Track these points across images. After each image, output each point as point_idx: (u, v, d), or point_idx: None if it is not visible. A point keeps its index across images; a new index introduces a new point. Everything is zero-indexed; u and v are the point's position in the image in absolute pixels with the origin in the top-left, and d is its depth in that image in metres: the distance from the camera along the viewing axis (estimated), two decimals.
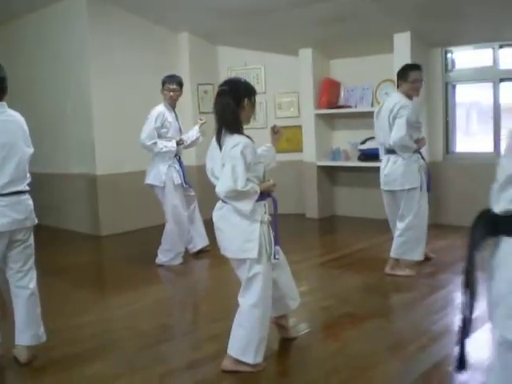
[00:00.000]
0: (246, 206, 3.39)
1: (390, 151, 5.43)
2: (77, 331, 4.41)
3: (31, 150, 3.86)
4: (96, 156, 7.88)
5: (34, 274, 3.88)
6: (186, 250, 6.54)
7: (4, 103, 3.78)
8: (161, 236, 6.32)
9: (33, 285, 3.84)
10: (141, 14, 8.10)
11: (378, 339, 4.01)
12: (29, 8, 8.46)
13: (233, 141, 3.39)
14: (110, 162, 7.94)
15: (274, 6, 6.99)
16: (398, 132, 5.23)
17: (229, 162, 3.35)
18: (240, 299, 3.56)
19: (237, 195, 3.36)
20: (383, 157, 5.56)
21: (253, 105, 3.57)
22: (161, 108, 6.24)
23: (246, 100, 3.49)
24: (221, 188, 3.38)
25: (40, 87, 8.76)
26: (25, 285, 3.79)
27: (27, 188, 3.79)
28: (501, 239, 1.75)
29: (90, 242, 7.84)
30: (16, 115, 3.86)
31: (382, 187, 5.59)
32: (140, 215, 8.08)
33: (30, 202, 3.81)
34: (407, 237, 5.42)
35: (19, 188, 3.69)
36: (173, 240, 6.27)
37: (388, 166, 5.45)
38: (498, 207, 1.75)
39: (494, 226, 1.75)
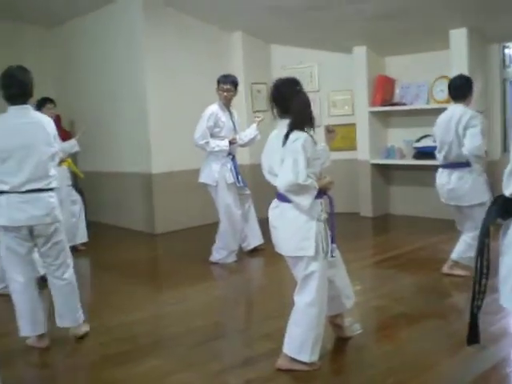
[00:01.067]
0: (306, 200, 3.38)
1: (454, 165, 5.23)
2: (131, 327, 4.49)
3: (53, 150, 4.05)
4: (151, 155, 8.00)
5: (68, 266, 4.21)
6: (241, 249, 6.57)
7: (28, 106, 4.02)
8: (215, 234, 6.37)
9: (68, 275, 4.21)
10: (194, 15, 8.17)
11: (434, 340, 3.94)
12: (84, 10, 8.65)
13: (294, 135, 3.39)
14: (165, 160, 8.04)
15: (328, 2, 6.93)
16: (474, 141, 4.99)
17: (290, 156, 3.35)
18: (296, 297, 3.55)
19: (297, 189, 3.35)
20: (443, 170, 5.36)
21: None
22: (214, 107, 6.29)
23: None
24: (282, 182, 3.37)
25: (95, 88, 8.94)
26: (59, 276, 4.17)
27: (49, 186, 4.01)
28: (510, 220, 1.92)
29: (144, 240, 7.96)
30: (38, 117, 4.09)
31: (445, 201, 5.40)
32: (194, 213, 8.16)
33: (53, 199, 4.04)
34: (474, 246, 5.27)
35: (39, 186, 3.94)
36: (226, 238, 6.31)
37: (453, 182, 5.22)
38: (508, 191, 1.91)
39: (505, 208, 1.90)
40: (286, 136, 3.42)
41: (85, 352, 4.11)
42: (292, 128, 3.43)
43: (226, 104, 6.38)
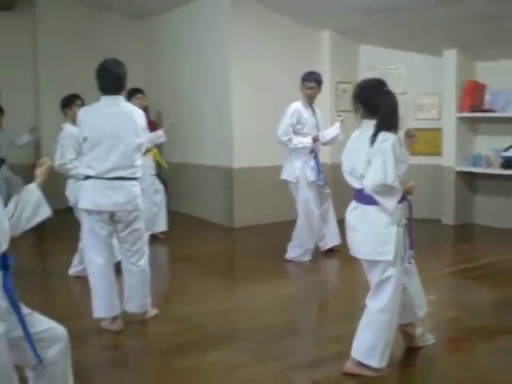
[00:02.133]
0: (391, 203, 3.34)
1: None
2: (204, 318, 4.58)
3: (139, 140, 4.21)
4: (233, 149, 8.10)
5: (143, 254, 4.38)
6: (317, 248, 6.56)
7: (120, 97, 4.21)
8: (292, 231, 6.39)
9: (142, 262, 4.37)
10: (282, 12, 8.20)
11: (506, 357, 3.82)
12: (174, 4, 8.86)
13: (383, 136, 3.36)
14: (247, 155, 8.12)
15: (419, 4, 6.79)
16: None
17: (379, 156, 3.31)
18: (368, 302, 3.52)
19: (385, 190, 3.31)
20: None
21: None
22: (297, 104, 6.29)
23: None
24: (370, 181, 3.33)
25: (181, 81, 9.16)
26: (134, 262, 4.35)
27: (134, 175, 4.19)
28: None
29: (223, 233, 8.07)
30: (129, 108, 4.28)
31: None
32: (273, 209, 8.20)
33: (135, 188, 4.22)
34: None
35: (124, 174, 4.13)
36: (303, 236, 6.32)
37: None
38: None
39: None
40: (374, 136, 3.39)
41: (157, 338, 4.25)
42: (379, 129, 3.39)
43: (310, 101, 6.37)
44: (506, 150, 7.69)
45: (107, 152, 4.09)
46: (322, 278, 6.07)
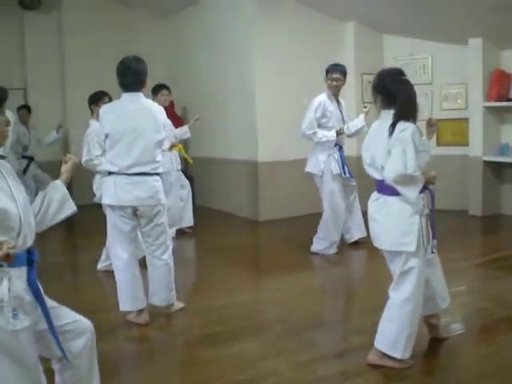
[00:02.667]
0: (412, 192, 3.32)
1: None
2: (229, 310, 4.62)
3: (160, 137, 4.26)
4: (258, 143, 8.13)
5: (167, 247, 4.44)
6: (343, 240, 6.56)
7: (140, 94, 4.25)
8: (317, 224, 6.39)
9: (166, 256, 4.43)
10: (308, 4, 8.20)
11: None
12: None
13: (401, 125, 3.35)
14: (272, 149, 8.14)
15: None
16: None
17: (398, 146, 3.30)
18: (391, 293, 3.51)
19: (406, 180, 3.29)
20: None
21: None
22: (322, 97, 6.27)
23: None
24: (390, 172, 3.31)
25: (207, 76, 9.20)
26: (158, 255, 4.41)
27: (155, 171, 4.26)
28: None
29: (248, 226, 8.11)
30: (149, 104, 4.33)
31: None
32: (298, 202, 8.21)
33: (157, 183, 4.29)
34: None
35: (145, 170, 4.20)
36: (328, 229, 6.32)
37: None
38: None
39: None
40: (393, 126, 3.37)
41: (182, 330, 4.33)
42: (398, 118, 3.38)
43: (335, 93, 6.35)
44: None
45: (128, 148, 4.16)
46: (347, 270, 6.07)
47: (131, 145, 4.15)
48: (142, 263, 4.53)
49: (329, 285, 5.55)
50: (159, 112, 4.33)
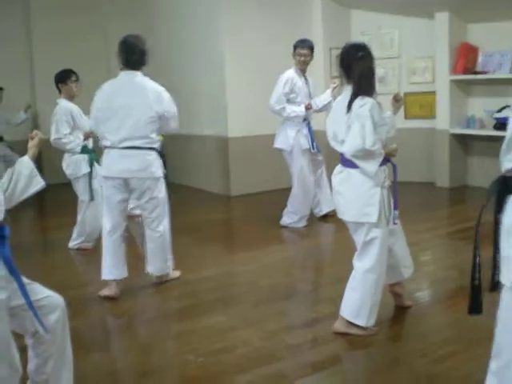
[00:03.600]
0: (372, 166, 3.41)
1: None
2: (201, 283, 4.72)
3: (151, 113, 4.34)
4: (228, 119, 8.16)
5: (163, 220, 4.56)
6: (312, 214, 6.66)
7: (137, 72, 4.42)
8: (287, 198, 6.48)
9: (161, 228, 4.56)
10: None
11: (493, 314, 3.92)
12: None
13: (360, 101, 3.42)
14: (242, 124, 8.18)
15: None
16: None
17: (357, 121, 3.37)
18: (355, 263, 3.62)
19: (364, 154, 3.38)
20: None
21: None
22: (290, 73, 6.32)
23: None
24: (349, 147, 3.40)
25: (176, 55, 9.17)
26: (154, 228, 4.56)
27: (149, 145, 4.37)
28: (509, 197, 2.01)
29: (220, 202, 8.18)
30: (142, 81, 4.43)
31: None
32: (269, 177, 8.27)
33: (150, 157, 4.40)
34: None
35: (136, 144, 4.32)
36: (298, 203, 6.41)
37: None
38: (504, 167, 2.02)
39: (504, 185, 1.98)
40: (350, 102, 3.45)
41: (155, 304, 4.44)
42: (354, 94, 3.45)
43: (303, 69, 6.40)
44: (499, 111, 7.71)
45: (120, 123, 4.30)
46: (316, 243, 6.17)
47: (122, 121, 4.28)
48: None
49: (298, 257, 5.66)
50: (153, 90, 4.41)
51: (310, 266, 5.43)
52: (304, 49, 6.30)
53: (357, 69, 3.48)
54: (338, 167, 3.65)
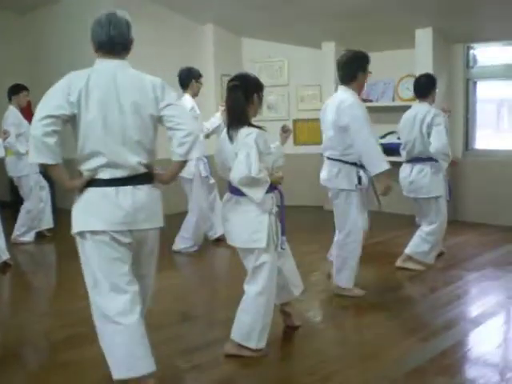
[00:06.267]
0: (258, 194, 3.49)
1: (416, 159, 5.48)
2: (89, 311, 4.56)
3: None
4: None
5: None
6: (206, 237, 6.69)
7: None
8: (179, 223, 6.46)
9: None
10: (166, 6, 8.23)
11: (380, 330, 4.11)
12: None
13: (246, 130, 3.52)
14: None
15: None
16: (440, 140, 5.23)
17: (243, 150, 3.45)
18: (246, 287, 3.69)
19: (250, 182, 3.46)
20: (406, 165, 5.60)
21: (260, 100, 3.68)
22: (191, 100, 6.34)
23: (255, 95, 3.62)
24: (235, 175, 3.47)
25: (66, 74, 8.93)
26: None
27: None
28: None
29: None
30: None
31: (406, 194, 5.62)
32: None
33: None
34: (428, 241, 5.50)
35: None
36: (194, 229, 6.42)
37: (413, 175, 5.47)
38: None
39: None
40: (228, 132, 3.58)
41: (42, 333, 4.25)
42: (228, 125, 3.61)
43: (195, 95, 6.48)
44: (383, 137, 8.12)
45: None
46: (209, 267, 6.21)
47: None
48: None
49: (191, 282, 5.66)
50: None
51: (204, 291, 5.42)
52: (202, 78, 6.47)
53: (227, 100, 3.65)
54: (227, 195, 3.72)
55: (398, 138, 7.79)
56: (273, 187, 3.64)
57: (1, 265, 4.82)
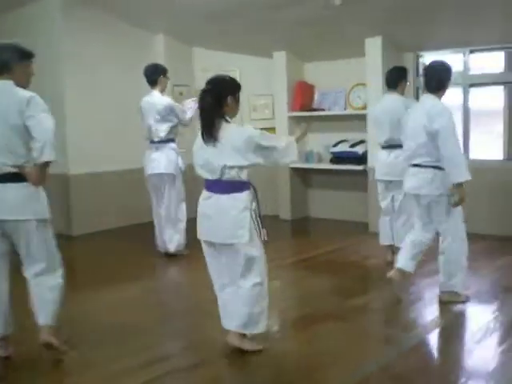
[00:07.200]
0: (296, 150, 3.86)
1: (393, 146, 5.66)
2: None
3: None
4: (68, 156, 7.77)
5: None
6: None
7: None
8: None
9: None
10: (117, 16, 8.11)
11: (329, 341, 4.09)
12: (5, 7, 8.43)
13: (236, 127, 3.70)
14: (85, 161, 7.85)
15: (247, 7, 7.04)
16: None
17: (259, 141, 3.64)
18: (240, 282, 3.73)
19: (294, 147, 3.87)
20: (384, 151, 5.84)
21: (237, 101, 3.78)
22: (161, 96, 6.50)
23: (229, 98, 3.66)
24: (285, 159, 3.88)
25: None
26: None
27: None
28: None
29: (60, 241, 7.77)
30: None
31: (379, 177, 5.90)
32: (114, 214, 8.08)
33: None
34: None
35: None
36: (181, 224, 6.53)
37: (391, 158, 5.72)
38: None
39: None
40: (210, 135, 3.63)
41: None
42: (203, 127, 3.70)
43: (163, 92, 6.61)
44: (335, 145, 8.16)
45: None
46: (164, 279, 6.11)
47: None
48: None
49: (146, 294, 5.51)
50: None
51: (153, 304, 5.27)
52: None
53: (199, 104, 3.73)
54: (206, 193, 3.76)
55: (350, 147, 7.91)
56: (250, 184, 3.76)
57: None
